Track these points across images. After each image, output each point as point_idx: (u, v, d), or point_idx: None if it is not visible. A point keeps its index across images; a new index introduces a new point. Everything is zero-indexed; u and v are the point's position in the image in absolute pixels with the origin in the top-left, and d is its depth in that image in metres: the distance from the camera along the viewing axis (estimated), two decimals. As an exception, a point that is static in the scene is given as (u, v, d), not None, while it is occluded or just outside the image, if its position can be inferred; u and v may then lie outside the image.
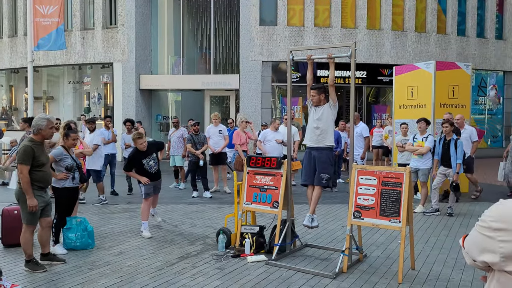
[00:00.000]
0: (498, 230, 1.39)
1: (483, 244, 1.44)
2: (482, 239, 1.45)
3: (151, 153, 6.71)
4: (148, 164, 6.64)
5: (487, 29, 18.70)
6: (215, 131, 10.00)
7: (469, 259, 1.54)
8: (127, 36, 16.83)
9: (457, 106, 9.89)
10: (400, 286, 4.59)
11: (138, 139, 6.59)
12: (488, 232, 1.42)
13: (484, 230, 1.44)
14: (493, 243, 1.41)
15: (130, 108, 16.94)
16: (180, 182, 11.00)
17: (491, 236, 1.41)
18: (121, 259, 5.44)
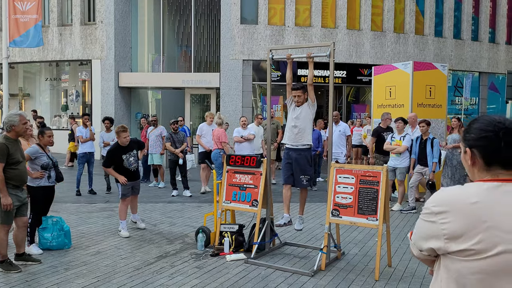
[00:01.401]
0: (440, 213, 1.46)
1: (427, 231, 1.51)
2: (426, 226, 1.52)
3: (131, 149, 6.60)
4: (128, 160, 6.52)
5: (463, 30, 19.09)
6: (208, 130, 9.91)
7: (416, 250, 1.61)
8: (106, 33, 16.60)
9: (433, 106, 10.07)
10: (377, 283, 4.66)
11: (122, 132, 6.45)
12: (431, 218, 1.49)
13: (427, 216, 1.51)
14: (436, 227, 1.47)
15: (109, 106, 16.72)
16: (159, 181, 10.92)
17: (433, 220, 1.48)
18: (98, 259, 5.38)
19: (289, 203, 5.81)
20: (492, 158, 1.49)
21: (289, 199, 5.81)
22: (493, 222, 1.40)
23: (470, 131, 1.56)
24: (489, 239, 1.39)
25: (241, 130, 9.86)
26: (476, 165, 1.54)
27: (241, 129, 9.89)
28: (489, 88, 19.68)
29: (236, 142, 9.80)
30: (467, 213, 1.43)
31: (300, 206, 5.78)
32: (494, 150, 1.48)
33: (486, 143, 1.49)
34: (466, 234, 1.41)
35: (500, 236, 1.38)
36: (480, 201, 1.43)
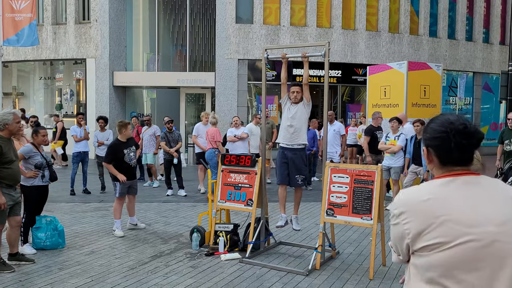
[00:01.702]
0: (400, 215, 1.53)
1: (396, 234, 1.58)
2: (394, 229, 1.59)
3: (131, 145, 6.66)
4: (128, 155, 6.55)
5: (457, 31, 19.17)
6: (204, 130, 9.89)
7: (394, 256, 1.69)
8: (101, 31, 16.53)
9: (428, 106, 10.12)
10: (371, 282, 4.67)
11: (126, 125, 6.53)
12: (395, 220, 1.56)
13: (392, 220, 1.58)
14: (400, 228, 1.54)
15: (104, 105, 16.65)
16: (154, 180, 10.88)
17: (397, 222, 1.55)
18: (92, 259, 5.36)
19: (285, 203, 5.83)
20: (445, 157, 1.55)
21: (285, 199, 5.82)
22: (447, 216, 1.45)
23: (426, 130, 1.62)
24: (446, 233, 1.44)
25: (234, 129, 9.85)
26: (433, 162, 1.60)
27: (234, 128, 9.88)
28: (483, 88, 19.78)
29: (229, 141, 9.78)
30: (422, 210, 1.49)
31: (295, 206, 5.79)
32: (446, 150, 1.53)
33: (439, 143, 1.54)
34: (425, 231, 1.47)
35: (456, 228, 1.43)
36: (433, 197, 1.49)
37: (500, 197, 1.48)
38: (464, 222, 1.43)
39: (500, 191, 1.50)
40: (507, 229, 1.42)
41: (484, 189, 1.50)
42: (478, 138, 1.54)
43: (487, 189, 1.50)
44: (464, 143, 1.51)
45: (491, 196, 1.48)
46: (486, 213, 1.44)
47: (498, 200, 1.47)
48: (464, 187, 1.50)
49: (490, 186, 1.51)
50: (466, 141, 1.51)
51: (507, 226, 1.42)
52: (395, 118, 8.40)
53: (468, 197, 1.47)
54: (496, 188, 1.51)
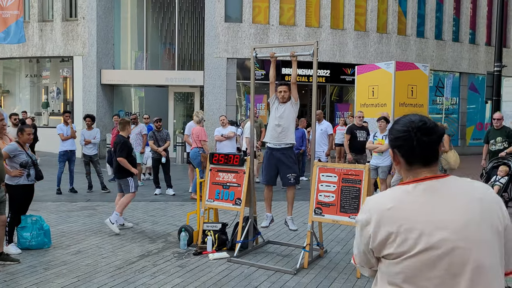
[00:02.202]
0: (366, 224, 1.53)
1: (364, 241, 1.56)
2: (361, 237, 1.57)
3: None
4: (133, 151, 6.89)
5: (444, 31, 19.37)
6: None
7: (367, 270, 1.68)
8: (88, 29, 16.36)
9: (415, 106, 10.21)
10: (359, 281, 4.70)
11: (129, 123, 6.92)
12: (362, 228, 1.56)
13: (358, 228, 1.58)
14: (367, 235, 1.54)
15: (91, 103, 16.50)
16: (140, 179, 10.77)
17: (364, 230, 1.55)
18: (78, 258, 5.30)
19: (270, 203, 5.83)
20: (409, 156, 1.55)
21: (271, 199, 5.83)
22: (407, 224, 1.45)
23: (391, 132, 1.63)
24: (408, 241, 1.44)
25: (221, 128, 9.84)
26: (400, 164, 1.60)
27: (221, 128, 9.87)
28: (469, 88, 20.02)
29: (216, 140, 9.76)
30: (385, 219, 1.48)
31: (288, 206, 5.74)
32: (409, 148, 1.53)
33: (401, 142, 1.55)
34: (389, 239, 1.47)
35: (414, 237, 1.43)
36: (395, 205, 1.49)
37: (464, 200, 1.46)
38: (423, 230, 1.43)
39: (465, 193, 1.48)
40: (468, 234, 1.41)
41: (447, 194, 1.48)
42: (438, 134, 1.54)
43: (451, 193, 1.48)
44: (424, 140, 1.51)
45: (454, 200, 1.46)
46: (446, 219, 1.43)
47: (461, 203, 1.45)
48: (426, 193, 1.48)
49: (455, 189, 1.49)
50: (427, 137, 1.52)
51: (467, 231, 1.41)
52: (383, 117, 8.45)
53: (428, 204, 1.46)
54: (461, 190, 1.49)
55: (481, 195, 1.48)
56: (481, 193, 1.48)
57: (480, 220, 1.43)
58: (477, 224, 1.42)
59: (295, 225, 5.75)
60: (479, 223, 1.43)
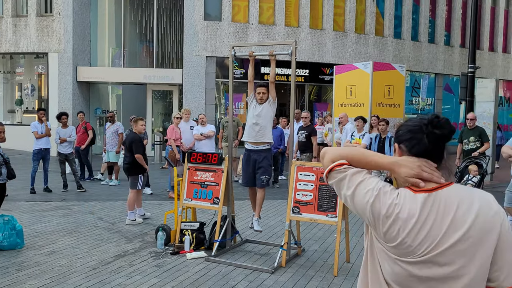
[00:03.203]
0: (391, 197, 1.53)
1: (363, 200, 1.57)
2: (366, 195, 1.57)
3: None
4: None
5: (420, 33, 19.72)
6: (186, 127, 9.67)
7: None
8: (64, 25, 16.03)
9: (392, 106, 10.36)
10: (335, 279, 4.75)
11: (140, 120, 7.12)
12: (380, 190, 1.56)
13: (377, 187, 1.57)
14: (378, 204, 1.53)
15: (67, 101, 16.18)
16: (113, 178, 10.61)
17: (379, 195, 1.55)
18: (52, 259, 5.19)
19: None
20: (417, 150, 1.53)
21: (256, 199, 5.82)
22: (405, 238, 1.48)
23: (400, 129, 1.63)
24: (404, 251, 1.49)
25: (200, 127, 9.78)
26: None
27: (200, 126, 9.81)
28: (444, 89, 20.44)
29: (196, 139, 9.69)
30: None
31: (257, 207, 5.69)
32: (418, 140, 1.53)
33: (411, 135, 1.55)
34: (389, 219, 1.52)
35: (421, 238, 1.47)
36: (400, 217, 1.49)
37: (463, 213, 1.45)
38: (420, 243, 1.45)
39: (465, 204, 1.46)
40: (461, 249, 1.42)
41: (448, 205, 1.47)
42: (450, 130, 1.53)
43: (451, 205, 1.46)
44: (436, 133, 1.51)
45: (452, 213, 1.45)
46: (441, 233, 1.43)
47: (460, 216, 1.44)
48: (428, 204, 1.47)
49: (455, 200, 1.47)
50: (438, 130, 1.51)
51: (462, 246, 1.42)
52: (360, 117, 8.55)
53: (430, 217, 1.46)
54: (462, 202, 1.47)
55: (479, 208, 1.45)
56: (480, 205, 1.46)
57: (475, 235, 1.43)
58: (472, 240, 1.42)
59: (260, 226, 5.71)
60: (475, 238, 1.42)
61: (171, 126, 9.30)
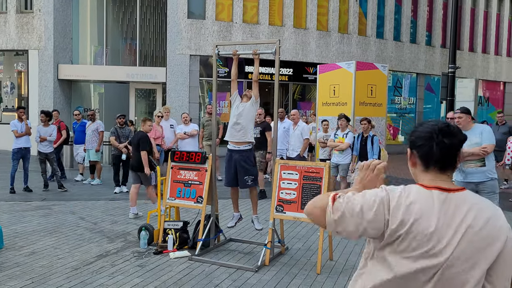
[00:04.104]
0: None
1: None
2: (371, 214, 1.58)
3: None
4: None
5: (402, 33, 19.96)
6: (166, 126, 9.59)
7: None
8: (45, 22, 15.76)
9: (374, 105, 10.46)
10: (319, 276, 4.78)
11: (148, 121, 7.33)
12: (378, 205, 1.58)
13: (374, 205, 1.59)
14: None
15: (47, 99, 15.91)
16: (95, 177, 10.48)
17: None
18: (33, 260, 5.11)
19: (237, 203, 5.84)
20: (428, 158, 1.55)
21: (237, 198, 5.84)
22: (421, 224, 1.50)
23: (412, 133, 1.63)
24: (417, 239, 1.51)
25: (183, 126, 9.74)
26: (416, 166, 1.60)
27: (183, 125, 9.77)
28: (425, 88, 20.73)
29: (179, 138, 9.64)
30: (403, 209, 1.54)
31: (253, 206, 5.77)
32: (429, 148, 1.54)
33: (422, 142, 1.56)
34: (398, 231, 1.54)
35: (426, 239, 1.49)
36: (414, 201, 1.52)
37: (471, 219, 1.46)
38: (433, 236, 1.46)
39: (474, 211, 1.48)
40: (464, 255, 1.43)
41: (458, 209, 1.48)
42: (461, 139, 1.54)
43: (461, 209, 1.48)
44: (446, 142, 1.52)
45: (462, 217, 1.47)
46: (449, 235, 1.45)
47: (468, 222, 1.46)
48: (440, 204, 1.49)
49: (467, 205, 1.49)
50: (448, 139, 1.52)
51: (466, 252, 1.43)
52: (343, 116, 8.62)
53: (438, 215, 1.48)
54: (472, 208, 1.49)
55: (489, 215, 1.47)
56: (489, 212, 1.48)
57: (480, 243, 1.44)
58: (476, 245, 1.44)
59: (261, 224, 5.77)
60: (479, 246, 1.44)
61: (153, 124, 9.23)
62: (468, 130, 5.19)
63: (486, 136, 5.17)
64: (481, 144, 5.09)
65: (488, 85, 22.94)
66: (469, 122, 5.29)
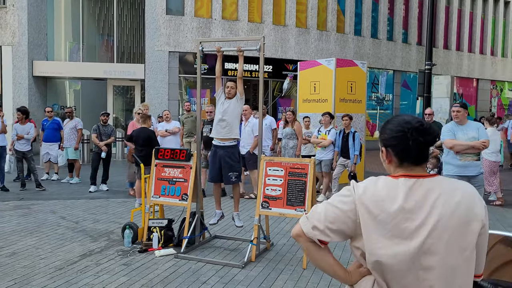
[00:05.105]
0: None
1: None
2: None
3: None
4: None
5: (380, 30, 20.26)
6: None
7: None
8: (18, 17, 15.34)
9: (354, 101, 10.60)
10: (305, 271, 4.83)
11: (149, 119, 7.44)
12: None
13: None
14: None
15: (22, 96, 15.52)
16: (74, 176, 10.31)
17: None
18: (14, 260, 5.00)
19: (219, 199, 5.83)
20: (403, 155, 1.59)
21: (219, 195, 5.83)
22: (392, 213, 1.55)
23: (384, 131, 1.66)
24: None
25: (165, 123, 9.66)
26: (392, 163, 1.65)
27: (164, 122, 9.69)
28: (402, 85, 21.12)
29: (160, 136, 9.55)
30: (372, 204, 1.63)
31: (235, 203, 5.77)
32: (404, 148, 1.58)
33: (397, 142, 1.60)
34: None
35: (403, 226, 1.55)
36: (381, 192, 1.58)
37: (445, 201, 1.52)
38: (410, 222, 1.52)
39: (447, 194, 1.53)
40: (443, 235, 1.48)
41: (432, 192, 1.53)
42: (434, 136, 1.59)
43: (435, 193, 1.53)
44: (420, 140, 1.56)
45: (436, 200, 1.52)
46: (425, 217, 1.50)
47: (442, 203, 1.51)
48: (414, 189, 1.54)
49: (439, 189, 1.54)
50: (423, 137, 1.56)
51: (443, 232, 1.48)
52: (327, 113, 8.70)
53: (412, 199, 1.53)
54: (445, 191, 1.54)
55: (460, 198, 1.53)
56: (462, 195, 1.53)
57: (456, 223, 1.49)
58: (452, 227, 1.49)
59: (241, 222, 5.78)
60: (455, 226, 1.49)
61: (131, 122, 9.12)
62: (465, 125, 5.45)
63: (483, 132, 5.51)
64: (478, 139, 5.39)
65: (462, 82, 23.52)
66: (465, 117, 5.58)
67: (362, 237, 1.54)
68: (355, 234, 1.57)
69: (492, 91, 25.16)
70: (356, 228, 1.56)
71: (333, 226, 1.57)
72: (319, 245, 1.62)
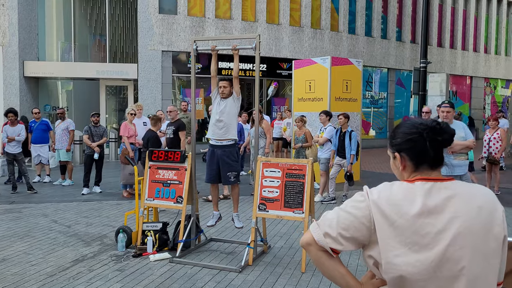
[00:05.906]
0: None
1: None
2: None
3: None
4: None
5: (374, 28, 20.20)
6: (139, 123, 9.30)
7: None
8: (9, 17, 15.10)
9: (350, 100, 10.51)
10: (304, 275, 4.72)
11: (159, 121, 7.75)
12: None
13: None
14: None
15: (13, 97, 15.29)
16: (66, 178, 10.14)
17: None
18: (4, 267, 4.85)
19: (217, 201, 5.71)
20: (420, 158, 1.50)
21: (217, 196, 5.72)
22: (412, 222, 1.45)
23: (395, 136, 1.56)
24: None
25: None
26: (407, 168, 1.54)
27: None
28: (396, 83, 21.08)
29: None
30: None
31: (234, 203, 5.66)
32: (421, 149, 1.49)
33: (412, 144, 1.50)
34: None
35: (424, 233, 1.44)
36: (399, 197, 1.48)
37: (466, 205, 1.42)
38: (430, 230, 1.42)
39: (468, 199, 1.44)
40: (464, 242, 1.39)
41: (452, 197, 1.44)
42: (451, 134, 1.50)
43: (456, 198, 1.44)
44: (438, 139, 1.48)
45: (457, 205, 1.43)
46: (446, 224, 1.40)
47: (463, 208, 1.42)
48: (433, 194, 1.44)
49: (460, 193, 1.45)
50: (441, 136, 1.48)
51: (465, 239, 1.39)
52: (323, 111, 8.61)
53: (433, 205, 1.43)
54: (465, 196, 1.45)
55: (482, 203, 1.44)
56: (483, 200, 1.44)
57: (479, 229, 1.40)
58: (476, 233, 1.39)
59: (241, 222, 5.67)
60: (478, 232, 1.39)
61: (124, 122, 8.96)
62: (451, 124, 5.43)
63: (468, 132, 5.58)
64: (465, 138, 5.46)
65: (456, 80, 23.54)
66: (453, 117, 5.64)
67: (376, 244, 1.43)
68: (369, 241, 1.46)
69: (486, 88, 25.22)
70: (370, 235, 1.45)
71: (346, 233, 1.46)
72: (331, 254, 1.50)
